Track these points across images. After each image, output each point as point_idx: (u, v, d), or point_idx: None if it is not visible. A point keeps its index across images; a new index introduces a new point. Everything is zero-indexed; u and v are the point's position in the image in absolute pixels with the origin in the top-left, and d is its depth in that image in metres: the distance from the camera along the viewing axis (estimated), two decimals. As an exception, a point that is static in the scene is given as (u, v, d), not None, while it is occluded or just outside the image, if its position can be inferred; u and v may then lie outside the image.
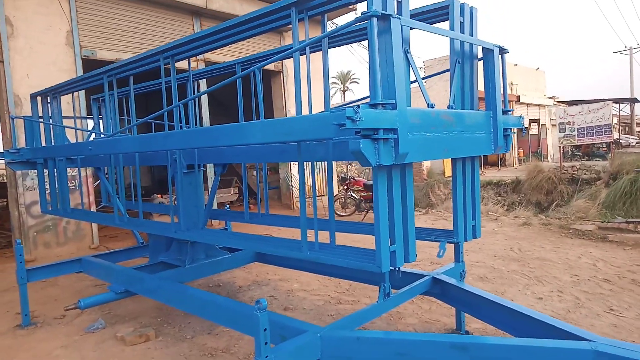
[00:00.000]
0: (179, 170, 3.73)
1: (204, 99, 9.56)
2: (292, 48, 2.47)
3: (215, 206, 8.72)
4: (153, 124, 4.99)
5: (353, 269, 3.67)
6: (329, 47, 2.85)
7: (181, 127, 3.63)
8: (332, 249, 2.72)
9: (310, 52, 2.74)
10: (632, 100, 35.71)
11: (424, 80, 2.51)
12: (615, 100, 32.29)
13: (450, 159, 2.85)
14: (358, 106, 1.90)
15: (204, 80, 8.53)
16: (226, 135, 2.53)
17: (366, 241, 5.43)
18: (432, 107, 2.40)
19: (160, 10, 8.65)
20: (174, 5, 8.71)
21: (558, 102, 31.99)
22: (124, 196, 4.92)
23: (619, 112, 37.88)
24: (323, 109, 2.52)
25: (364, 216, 10.38)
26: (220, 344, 3.77)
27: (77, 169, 5.33)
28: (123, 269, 4.12)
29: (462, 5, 2.80)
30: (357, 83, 56.83)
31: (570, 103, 28.78)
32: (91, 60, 7.67)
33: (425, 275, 3.33)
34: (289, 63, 10.58)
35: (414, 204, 2.53)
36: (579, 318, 4.09)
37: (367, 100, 2.08)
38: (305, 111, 2.64)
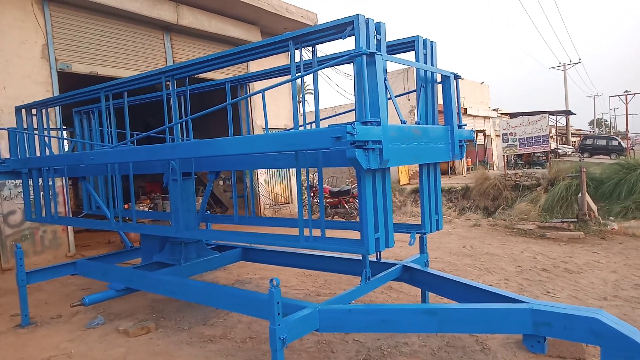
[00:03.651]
0: (178, 177, 4.16)
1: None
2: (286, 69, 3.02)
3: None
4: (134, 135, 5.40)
5: (336, 262, 4.30)
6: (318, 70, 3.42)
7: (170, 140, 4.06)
8: (323, 239, 3.27)
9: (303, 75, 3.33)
10: (567, 113, 38.63)
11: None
12: (552, 113, 34.88)
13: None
14: (354, 123, 2.48)
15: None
16: (238, 145, 3.04)
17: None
18: (404, 123, 3.04)
19: (133, 25, 8.95)
20: (146, 20, 9.04)
21: (501, 114, 34.12)
22: (111, 204, 5.25)
23: (556, 123, 40.80)
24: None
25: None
26: (216, 332, 4.20)
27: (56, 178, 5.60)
28: (124, 268, 4.48)
29: (424, 40, 3.48)
30: (312, 94, 57.81)
31: (513, 115, 30.82)
32: (66, 74, 7.87)
33: (397, 264, 3.95)
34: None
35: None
36: (522, 299, 4.84)
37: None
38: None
